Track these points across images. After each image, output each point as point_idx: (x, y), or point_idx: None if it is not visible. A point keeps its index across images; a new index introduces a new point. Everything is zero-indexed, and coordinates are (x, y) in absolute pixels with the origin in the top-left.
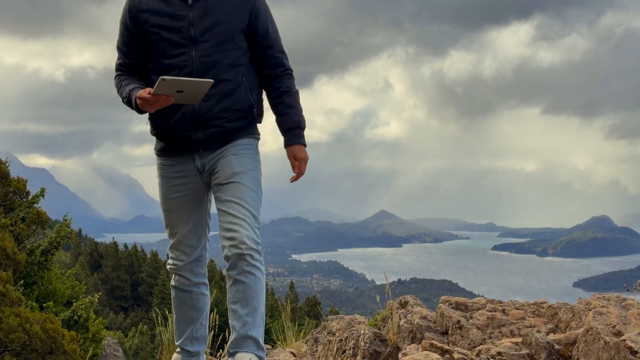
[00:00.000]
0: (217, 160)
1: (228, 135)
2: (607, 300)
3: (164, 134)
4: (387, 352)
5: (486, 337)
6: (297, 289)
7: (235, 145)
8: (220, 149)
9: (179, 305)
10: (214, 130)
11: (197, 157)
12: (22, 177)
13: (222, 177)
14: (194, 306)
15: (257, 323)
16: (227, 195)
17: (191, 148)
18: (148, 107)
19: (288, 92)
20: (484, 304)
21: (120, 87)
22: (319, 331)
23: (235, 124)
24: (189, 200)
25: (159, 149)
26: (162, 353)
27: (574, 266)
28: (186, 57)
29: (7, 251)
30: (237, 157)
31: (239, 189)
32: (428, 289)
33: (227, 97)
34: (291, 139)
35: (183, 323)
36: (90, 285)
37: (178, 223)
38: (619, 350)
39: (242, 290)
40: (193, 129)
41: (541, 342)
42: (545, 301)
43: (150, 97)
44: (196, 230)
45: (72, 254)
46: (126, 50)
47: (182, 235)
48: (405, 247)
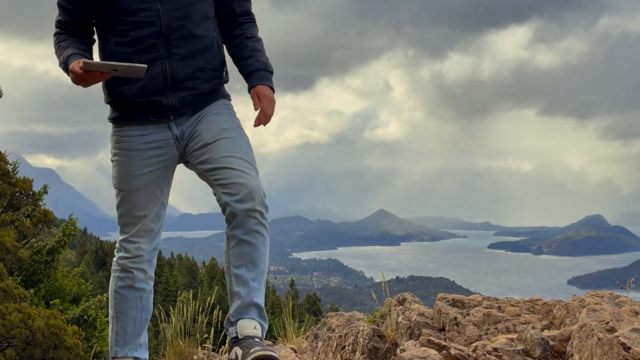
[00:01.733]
0: (197, 124)
1: (203, 99)
2: (600, 298)
3: (126, 100)
4: (386, 348)
5: (482, 334)
6: (298, 287)
7: (214, 106)
8: (196, 114)
9: (128, 308)
10: (187, 93)
11: (173, 125)
12: (28, 177)
13: (207, 136)
14: (145, 307)
15: (262, 289)
16: (221, 152)
17: (160, 114)
18: (80, 82)
19: (253, 38)
20: (480, 301)
21: (58, 50)
22: (319, 328)
23: (209, 85)
24: (161, 175)
25: (120, 117)
26: (166, 349)
27: (568, 264)
28: (152, 13)
29: (7, 245)
30: (220, 116)
31: (233, 142)
32: (425, 287)
33: (199, 55)
34: (257, 80)
35: (132, 329)
36: (96, 283)
37: (146, 204)
38: (612, 346)
39: (248, 252)
40: (163, 92)
41: (536, 338)
42: (540, 298)
43: (82, 72)
44: (160, 211)
45: (78, 252)
46: (68, 6)
47: (149, 219)
48: (404, 245)
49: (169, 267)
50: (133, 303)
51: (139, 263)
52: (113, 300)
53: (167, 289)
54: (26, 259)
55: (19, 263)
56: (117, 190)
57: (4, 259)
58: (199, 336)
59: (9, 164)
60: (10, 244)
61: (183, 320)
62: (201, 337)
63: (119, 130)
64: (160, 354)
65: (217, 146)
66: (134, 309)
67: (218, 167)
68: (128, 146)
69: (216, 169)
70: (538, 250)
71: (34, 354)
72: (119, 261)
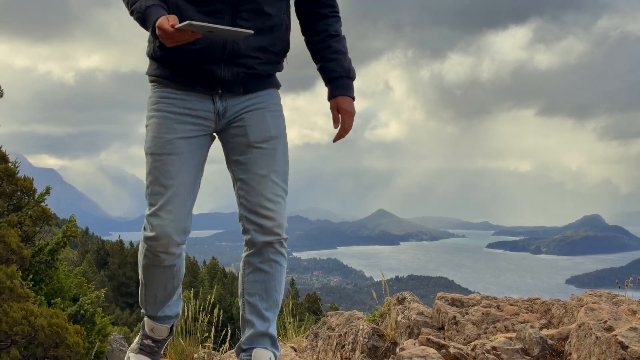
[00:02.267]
0: (245, 111)
1: (257, 81)
2: (598, 297)
3: (178, 62)
4: (385, 347)
5: (481, 332)
6: (298, 286)
7: (266, 96)
8: (247, 96)
9: (157, 280)
10: (242, 70)
11: (218, 99)
12: (29, 176)
13: (252, 136)
14: (177, 274)
15: (275, 318)
16: (259, 167)
17: (209, 85)
18: (167, 41)
19: (337, 37)
20: (479, 300)
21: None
22: (319, 326)
23: (268, 68)
24: (196, 145)
25: (165, 76)
26: (167, 347)
27: (567, 264)
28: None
29: (12, 246)
30: (272, 116)
31: (274, 159)
32: (425, 286)
33: (265, 34)
34: (337, 89)
35: (163, 293)
36: (97, 282)
37: (177, 172)
38: (610, 345)
39: (263, 281)
40: (218, 62)
41: (534, 337)
42: (538, 297)
43: (174, 31)
44: (193, 186)
45: (79, 252)
46: None
47: (179, 189)
48: (403, 245)
49: None
50: (162, 276)
51: (167, 247)
52: (140, 271)
53: None
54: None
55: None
56: (147, 156)
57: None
58: (200, 335)
59: (10, 163)
60: (15, 245)
61: (184, 319)
62: (202, 336)
63: (160, 90)
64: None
65: (257, 156)
66: (164, 279)
67: (249, 185)
68: (166, 108)
69: (247, 184)
70: (537, 250)
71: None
72: (146, 242)
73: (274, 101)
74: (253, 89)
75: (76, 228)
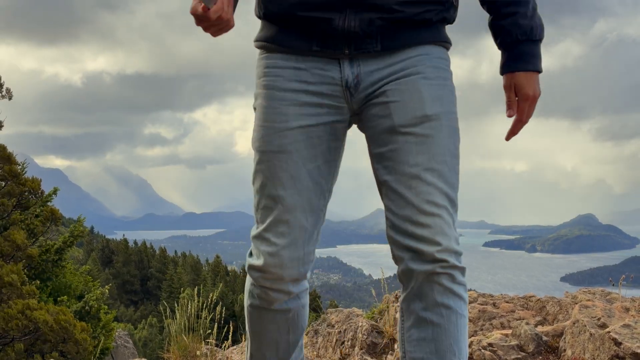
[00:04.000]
0: (389, 80)
1: (405, 32)
2: (592, 294)
3: (283, 12)
4: (384, 343)
5: (477, 329)
6: None
7: (421, 57)
8: (390, 57)
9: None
10: (378, 15)
11: (346, 64)
12: (37, 177)
13: (399, 117)
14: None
15: None
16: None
17: (329, 42)
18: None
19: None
20: (476, 298)
21: None
22: (319, 323)
23: (421, 10)
24: (319, 138)
25: (271, 37)
26: (170, 344)
27: (561, 262)
28: None
29: (18, 242)
30: (429, 84)
31: (431, 151)
32: None
33: None
34: (514, 60)
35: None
36: (102, 280)
37: (290, 178)
38: (603, 341)
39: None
40: (339, 8)
41: (530, 333)
42: (534, 295)
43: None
44: (317, 199)
45: (85, 251)
46: None
47: (294, 203)
48: None
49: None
50: (272, 325)
51: (279, 282)
52: (247, 316)
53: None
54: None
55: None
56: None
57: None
58: (203, 332)
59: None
60: (21, 241)
61: (187, 317)
62: (205, 333)
63: (266, 58)
64: (165, 349)
65: (404, 146)
66: (275, 332)
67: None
68: (274, 82)
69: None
70: (532, 249)
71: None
72: (251, 272)
73: (435, 64)
74: (398, 44)
75: (84, 228)
